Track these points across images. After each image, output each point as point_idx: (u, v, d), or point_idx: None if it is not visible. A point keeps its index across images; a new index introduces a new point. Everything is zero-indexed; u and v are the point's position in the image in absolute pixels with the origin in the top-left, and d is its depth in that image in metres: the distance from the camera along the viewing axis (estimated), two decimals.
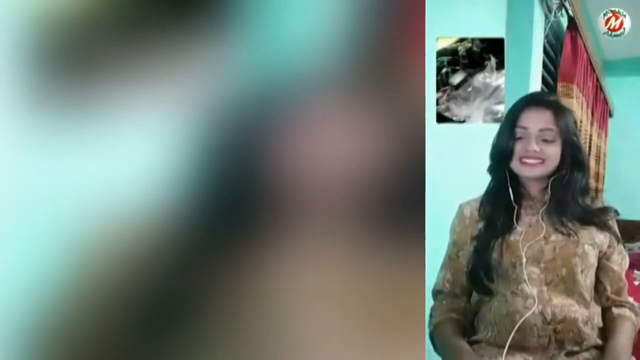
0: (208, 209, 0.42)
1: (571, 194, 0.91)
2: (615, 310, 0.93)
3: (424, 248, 0.46)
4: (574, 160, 0.91)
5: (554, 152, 0.90)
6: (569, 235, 0.89)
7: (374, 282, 0.44)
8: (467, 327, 0.97)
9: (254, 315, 0.42)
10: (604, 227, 0.92)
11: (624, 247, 0.97)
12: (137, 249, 0.40)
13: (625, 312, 0.93)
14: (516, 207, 0.92)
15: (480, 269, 0.90)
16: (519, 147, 0.90)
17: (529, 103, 0.93)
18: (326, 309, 0.43)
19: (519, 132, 0.90)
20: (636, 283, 2.16)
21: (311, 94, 0.44)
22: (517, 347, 0.86)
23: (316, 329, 0.43)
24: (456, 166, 1.49)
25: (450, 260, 0.98)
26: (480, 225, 0.94)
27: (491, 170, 0.98)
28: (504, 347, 0.88)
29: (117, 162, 0.40)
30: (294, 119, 0.43)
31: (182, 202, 0.41)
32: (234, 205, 0.42)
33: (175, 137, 0.41)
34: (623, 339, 0.88)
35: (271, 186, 0.43)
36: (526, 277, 0.86)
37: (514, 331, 0.85)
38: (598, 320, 0.92)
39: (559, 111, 0.92)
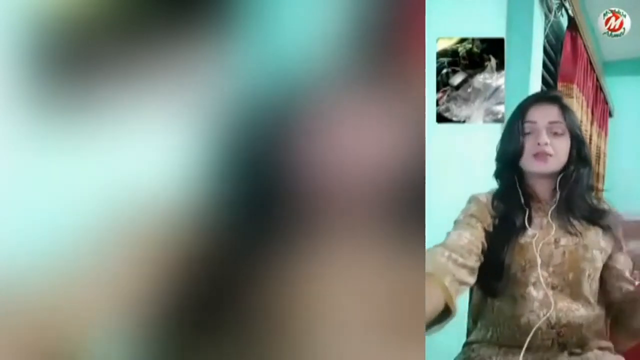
0: (225, 211, 0.42)
1: (579, 190, 0.90)
2: (630, 295, 0.89)
3: (424, 248, 0.46)
4: (580, 155, 0.91)
5: (563, 145, 0.89)
6: (577, 235, 0.88)
7: (373, 282, 0.44)
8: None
9: (275, 316, 0.42)
10: (608, 229, 0.91)
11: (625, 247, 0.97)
12: (155, 252, 0.40)
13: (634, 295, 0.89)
14: (527, 210, 0.90)
15: (491, 270, 0.88)
16: (529, 143, 0.89)
17: (534, 100, 0.93)
18: (326, 308, 0.43)
19: (527, 127, 0.90)
20: (637, 283, 2.16)
21: (311, 94, 0.44)
22: (519, 348, 0.85)
23: (315, 328, 0.43)
24: (456, 166, 1.49)
25: (470, 226, 0.87)
26: (494, 223, 0.90)
27: (498, 174, 0.96)
28: (505, 347, 0.88)
29: (131, 164, 0.40)
30: (295, 119, 0.43)
31: (200, 204, 0.41)
32: (248, 206, 0.42)
33: (190, 138, 0.41)
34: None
35: (273, 186, 0.43)
36: (535, 281, 0.86)
37: (528, 338, 0.83)
38: (602, 324, 0.91)
39: (565, 106, 0.92)
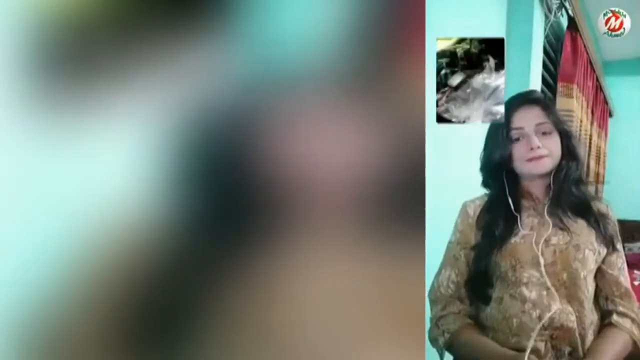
0: (204, 212, 0.42)
1: (567, 184, 0.90)
2: (614, 318, 0.88)
3: (424, 248, 0.46)
4: (568, 149, 0.91)
5: (555, 142, 0.89)
6: (567, 230, 0.87)
7: (373, 282, 0.44)
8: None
9: (253, 317, 0.42)
10: (601, 228, 0.90)
11: (624, 247, 0.95)
12: (132, 252, 0.40)
13: (626, 322, 0.88)
14: (518, 216, 0.90)
15: (480, 276, 0.89)
16: (520, 150, 0.89)
17: (516, 105, 0.91)
18: (327, 310, 0.43)
19: (515, 134, 0.89)
20: (636, 283, 2.17)
21: (311, 94, 0.44)
22: (512, 349, 0.85)
23: (317, 330, 0.43)
24: (456, 166, 1.49)
25: (455, 260, 0.95)
26: (483, 233, 0.92)
27: (486, 183, 0.96)
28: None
29: (111, 164, 0.40)
30: (294, 119, 0.43)
31: (177, 205, 0.41)
32: (230, 208, 0.42)
33: (171, 138, 0.41)
34: (608, 353, 0.84)
35: (270, 187, 0.43)
36: (527, 281, 0.85)
37: (515, 337, 0.84)
38: (596, 328, 0.89)
39: (546, 105, 0.92)
